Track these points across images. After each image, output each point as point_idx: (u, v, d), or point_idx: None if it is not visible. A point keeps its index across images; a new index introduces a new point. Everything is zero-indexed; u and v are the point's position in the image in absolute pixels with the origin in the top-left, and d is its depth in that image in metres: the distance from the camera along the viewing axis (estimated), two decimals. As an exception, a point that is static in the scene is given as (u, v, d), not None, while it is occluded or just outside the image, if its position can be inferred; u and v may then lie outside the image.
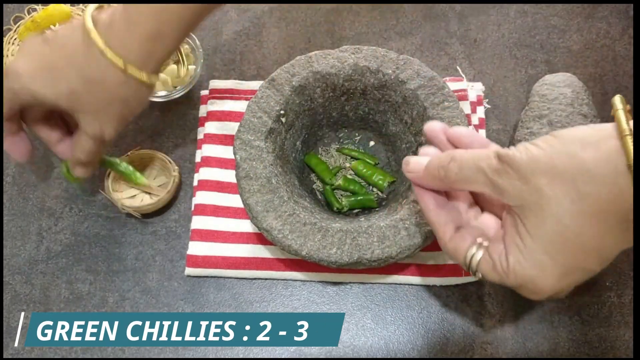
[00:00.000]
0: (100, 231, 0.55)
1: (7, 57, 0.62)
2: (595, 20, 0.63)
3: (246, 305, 0.52)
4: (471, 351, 0.50)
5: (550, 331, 0.50)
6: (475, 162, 0.30)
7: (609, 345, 0.50)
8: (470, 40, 0.63)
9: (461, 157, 0.32)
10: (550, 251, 0.29)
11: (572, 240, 0.28)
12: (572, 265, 0.29)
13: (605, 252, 0.29)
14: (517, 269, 0.30)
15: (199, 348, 0.50)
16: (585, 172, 0.27)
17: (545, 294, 0.30)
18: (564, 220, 0.28)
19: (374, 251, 0.43)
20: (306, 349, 0.50)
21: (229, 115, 0.57)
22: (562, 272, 0.29)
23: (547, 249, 0.29)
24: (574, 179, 0.27)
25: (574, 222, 0.27)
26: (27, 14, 0.64)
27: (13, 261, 0.54)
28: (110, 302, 0.52)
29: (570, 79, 0.55)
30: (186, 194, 0.56)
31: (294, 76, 0.50)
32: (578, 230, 0.28)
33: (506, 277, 0.31)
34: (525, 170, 0.28)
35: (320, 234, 0.44)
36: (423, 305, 0.51)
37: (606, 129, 0.27)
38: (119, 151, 0.58)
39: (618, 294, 0.51)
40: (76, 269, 0.53)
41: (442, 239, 0.34)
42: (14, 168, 0.58)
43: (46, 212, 0.56)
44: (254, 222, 0.45)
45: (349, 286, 0.52)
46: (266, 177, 0.46)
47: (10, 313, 0.52)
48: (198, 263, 0.52)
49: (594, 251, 0.29)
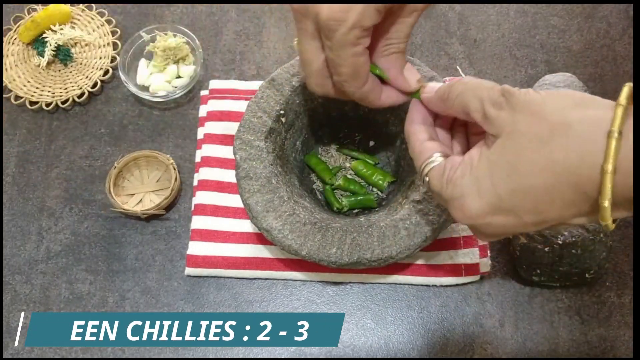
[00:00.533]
0: (100, 231, 0.55)
1: (6, 57, 0.62)
2: (595, 20, 0.63)
3: (246, 305, 0.52)
4: (471, 351, 0.50)
5: (550, 331, 0.50)
6: (477, 90, 0.31)
7: (609, 345, 0.50)
8: (470, 40, 0.63)
9: (467, 82, 0.32)
10: (494, 178, 0.29)
11: (520, 179, 0.28)
12: (508, 203, 0.28)
13: (546, 213, 0.28)
14: (457, 181, 0.31)
15: (199, 348, 0.50)
16: (565, 126, 0.26)
17: (469, 217, 0.30)
18: (522, 157, 0.27)
19: (374, 251, 0.43)
20: (306, 349, 0.50)
21: (228, 115, 0.57)
22: (495, 204, 0.29)
23: (493, 174, 0.29)
24: (553, 128, 0.27)
25: (531, 165, 0.27)
26: (27, 14, 0.64)
27: (13, 261, 0.54)
28: (110, 302, 0.52)
29: (570, 79, 0.55)
30: (186, 194, 0.56)
31: (294, 76, 0.50)
32: (530, 174, 0.27)
33: (445, 186, 0.31)
34: (516, 104, 0.29)
35: (320, 234, 0.44)
36: (423, 305, 0.51)
37: (605, 101, 0.27)
38: (118, 151, 0.58)
39: (618, 294, 0.51)
40: (76, 269, 0.53)
41: (414, 145, 0.36)
42: (14, 168, 0.58)
43: (46, 212, 0.56)
44: (254, 222, 0.45)
45: (349, 286, 0.52)
46: (266, 177, 0.46)
47: (10, 313, 0.52)
48: (198, 263, 0.52)
49: (535, 203, 0.28)
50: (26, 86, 0.61)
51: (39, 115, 0.60)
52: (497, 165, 0.29)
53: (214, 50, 0.63)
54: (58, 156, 0.58)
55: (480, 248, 0.51)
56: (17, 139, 0.59)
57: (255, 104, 0.49)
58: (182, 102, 0.60)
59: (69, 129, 0.60)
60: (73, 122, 0.60)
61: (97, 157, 0.58)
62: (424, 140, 0.35)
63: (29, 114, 0.60)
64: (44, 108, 0.60)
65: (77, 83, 0.61)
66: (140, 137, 0.59)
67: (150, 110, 0.60)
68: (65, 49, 0.62)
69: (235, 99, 0.58)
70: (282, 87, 0.49)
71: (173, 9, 0.65)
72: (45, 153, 0.58)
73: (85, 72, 0.61)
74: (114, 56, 0.62)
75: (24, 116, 0.60)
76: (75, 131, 0.59)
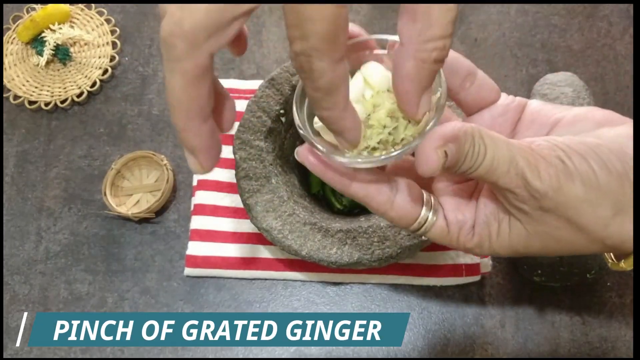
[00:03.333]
0: (99, 231, 0.55)
1: (5, 56, 0.62)
2: (596, 19, 0.63)
3: (246, 305, 0.51)
4: (472, 352, 0.49)
5: (551, 332, 0.50)
6: (511, 164, 0.25)
7: (610, 345, 0.49)
8: (470, 39, 0.63)
9: (494, 147, 0.25)
10: (516, 247, 0.27)
11: (544, 251, 0.27)
12: (523, 253, 0.28)
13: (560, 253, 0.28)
14: (472, 246, 0.28)
15: (199, 348, 0.50)
16: (603, 239, 0.26)
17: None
18: (549, 244, 0.27)
19: (374, 251, 0.43)
20: (306, 349, 0.49)
21: (228, 115, 0.57)
22: (510, 254, 0.28)
23: (513, 245, 0.27)
24: (591, 239, 0.26)
25: (557, 249, 0.27)
26: (26, 13, 0.64)
27: (12, 261, 0.54)
28: (110, 303, 0.52)
29: (571, 79, 0.54)
30: (185, 194, 0.56)
31: (293, 75, 0.49)
32: (555, 251, 0.27)
33: (455, 244, 0.28)
34: (548, 207, 0.25)
35: (320, 234, 0.44)
36: (423, 306, 0.51)
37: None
38: (118, 151, 0.58)
39: (619, 294, 0.51)
40: (75, 269, 0.53)
41: (382, 212, 0.28)
42: (13, 168, 0.58)
43: (45, 212, 0.56)
44: (254, 222, 0.45)
45: (349, 286, 0.52)
46: (266, 177, 0.46)
47: (10, 313, 0.52)
48: (197, 263, 0.52)
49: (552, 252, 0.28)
50: (25, 85, 0.61)
51: (38, 115, 0.60)
52: (520, 242, 0.27)
53: (214, 49, 0.62)
54: (57, 156, 0.58)
55: (480, 248, 0.51)
56: (16, 138, 0.59)
57: (255, 103, 0.49)
58: (181, 101, 0.60)
59: (68, 129, 0.59)
60: (72, 122, 0.60)
61: (96, 156, 0.58)
62: (394, 202, 0.27)
63: (28, 114, 0.60)
64: (43, 107, 0.60)
65: (76, 82, 0.60)
66: (139, 137, 0.58)
67: (149, 110, 0.60)
68: (64, 48, 0.61)
69: (235, 98, 0.58)
70: (282, 87, 0.49)
71: (172, 8, 0.65)
72: (44, 153, 0.58)
73: (84, 72, 0.61)
74: (113, 55, 0.62)
75: (23, 116, 0.60)
76: (74, 131, 0.59)
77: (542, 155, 0.24)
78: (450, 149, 0.23)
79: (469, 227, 0.28)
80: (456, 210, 0.28)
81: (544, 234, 0.26)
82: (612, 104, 0.58)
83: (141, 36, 0.63)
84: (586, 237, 0.25)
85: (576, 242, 0.26)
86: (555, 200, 0.24)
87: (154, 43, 0.63)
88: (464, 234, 0.28)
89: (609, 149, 0.25)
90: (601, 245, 0.26)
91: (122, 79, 0.61)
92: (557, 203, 0.24)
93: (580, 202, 0.24)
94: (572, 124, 0.28)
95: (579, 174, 0.24)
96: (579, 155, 0.24)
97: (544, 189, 0.24)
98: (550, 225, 0.25)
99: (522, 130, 0.30)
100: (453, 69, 0.29)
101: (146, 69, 0.62)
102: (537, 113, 0.29)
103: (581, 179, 0.24)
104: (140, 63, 0.62)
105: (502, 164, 0.24)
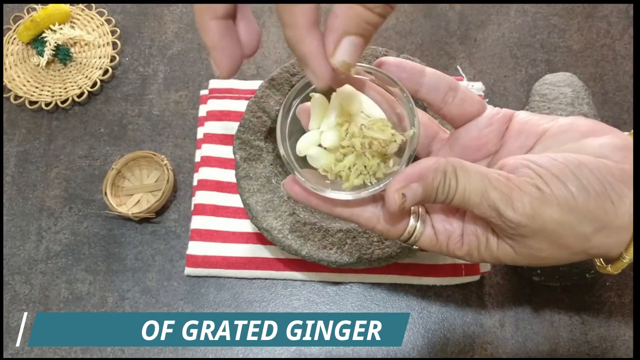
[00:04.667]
0: (100, 231, 0.55)
1: (6, 57, 0.62)
2: (596, 19, 0.63)
3: (246, 305, 0.51)
4: (471, 351, 0.50)
5: (551, 331, 0.50)
6: (484, 195, 0.26)
7: (609, 345, 0.50)
8: (470, 39, 0.63)
9: (465, 178, 0.26)
10: (504, 258, 0.29)
11: (536, 262, 0.28)
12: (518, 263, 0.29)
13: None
14: (460, 253, 0.29)
15: (199, 348, 0.50)
16: (586, 252, 0.27)
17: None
18: (537, 258, 0.28)
19: (374, 251, 0.43)
20: (306, 349, 0.50)
21: (228, 115, 0.57)
22: (504, 262, 0.29)
23: (502, 260, 0.29)
24: (574, 253, 0.27)
25: (546, 261, 0.28)
26: (26, 14, 0.64)
27: (12, 261, 0.54)
28: (110, 302, 0.52)
29: (570, 79, 0.55)
30: (186, 194, 0.56)
31: (293, 75, 0.49)
32: (546, 262, 0.28)
33: (445, 251, 0.30)
34: (529, 233, 0.26)
35: (320, 233, 0.44)
36: (423, 305, 0.51)
37: (621, 222, 0.26)
38: (118, 151, 0.58)
39: (618, 293, 0.51)
40: (76, 269, 0.53)
41: (372, 228, 0.30)
42: (14, 168, 0.58)
43: (45, 212, 0.56)
44: (254, 222, 0.45)
45: (349, 286, 0.52)
46: (266, 177, 0.46)
47: (10, 313, 0.52)
48: (198, 263, 0.52)
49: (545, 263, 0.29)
50: (25, 86, 0.61)
51: (39, 115, 0.60)
52: (507, 258, 0.28)
53: (214, 49, 0.62)
54: (57, 156, 0.58)
55: (480, 248, 0.51)
56: (17, 138, 0.59)
57: (255, 103, 0.49)
58: (181, 101, 0.60)
59: (69, 129, 0.59)
60: (72, 122, 0.60)
61: (96, 156, 0.58)
62: (380, 217, 0.29)
63: (29, 114, 0.60)
64: (44, 108, 0.60)
65: (77, 83, 0.61)
66: (139, 137, 0.59)
67: (149, 110, 0.60)
68: (65, 48, 0.62)
69: (235, 98, 0.58)
70: (282, 87, 0.49)
71: (173, 8, 0.65)
72: (44, 153, 0.58)
73: (85, 72, 0.61)
74: (114, 56, 0.62)
75: (24, 116, 0.60)
76: (75, 131, 0.59)
77: (517, 185, 0.26)
78: (413, 188, 0.26)
79: (457, 235, 0.29)
80: (444, 221, 0.29)
81: (529, 254, 0.27)
82: (611, 104, 0.58)
83: (141, 36, 0.64)
84: (569, 251, 0.27)
85: (561, 257, 0.27)
86: (531, 227, 0.26)
87: (154, 43, 0.63)
88: (452, 243, 0.29)
89: (590, 168, 0.26)
90: (586, 255, 0.27)
91: (122, 79, 0.62)
92: (533, 229, 0.26)
93: (559, 224, 0.25)
94: (557, 135, 0.29)
95: (556, 198, 0.25)
96: (557, 179, 0.25)
97: (517, 219, 0.25)
98: (533, 247, 0.27)
99: (510, 141, 0.30)
100: (434, 85, 0.30)
101: (146, 69, 0.62)
102: (525, 124, 0.30)
103: (558, 203, 0.25)
104: (140, 63, 0.62)
105: (474, 196, 0.26)
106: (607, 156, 0.26)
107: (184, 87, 0.61)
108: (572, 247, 0.26)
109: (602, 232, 0.26)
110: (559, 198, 0.25)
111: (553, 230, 0.26)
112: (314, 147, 0.29)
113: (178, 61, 0.62)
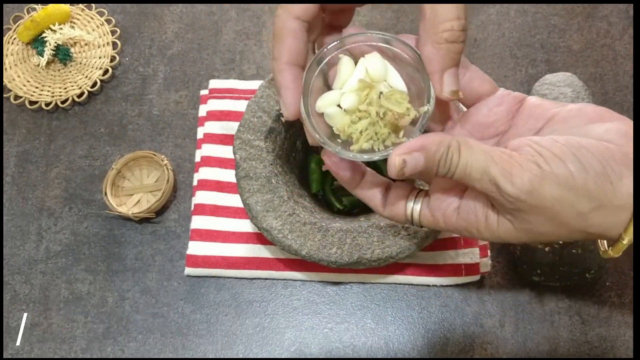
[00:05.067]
0: (100, 231, 0.55)
1: (6, 57, 0.62)
2: (596, 19, 0.63)
3: (246, 305, 0.51)
4: (471, 351, 0.50)
5: (551, 331, 0.50)
6: (486, 170, 0.27)
7: (609, 345, 0.50)
8: (470, 39, 0.63)
9: (469, 152, 0.28)
10: (505, 235, 0.29)
11: (535, 238, 0.29)
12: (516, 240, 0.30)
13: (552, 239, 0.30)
14: (457, 226, 0.31)
15: (199, 348, 0.50)
16: (585, 231, 0.28)
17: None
18: (538, 234, 0.28)
19: (374, 251, 0.43)
20: (306, 349, 0.50)
21: (228, 115, 0.57)
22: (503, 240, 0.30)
23: (502, 238, 0.30)
24: (573, 230, 0.28)
25: (545, 237, 0.29)
26: (26, 14, 0.64)
27: (12, 261, 0.54)
28: (110, 302, 0.52)
29: (570, 79, 0.55)
30: (186, 194, 0.56)
31: (293, 76, 0.49)
32: (545, 238, 0.29)
33: (445, 227, 0.31)
34: (529, 209, 0.27)
35: (320, 233, 0.44)
36: (423, 305, 0.51)
37: (618, 197, 0.26)
38: (118, 151, 0.58)
39: (618, 293, 0.51)
40: (76, 269, 0.53)
41: (378, 211, 0.34)
42: (14, 168, 0.58)
43: (46, 212, 0.56)
44: (254, 222, 0.45)
45: (349, 286, 0.52)
46: (266, 177, 0.46)
47: (10, 313, 0.52)
48: (198, 263, 0.52)
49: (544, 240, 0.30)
50: (25, 86, 0.61)
51: (39, 115, 0.60)
52: (508, 235, 0.29)
53: (214, 49, 0.63)
54: (57, 156, 0.58)
55: (480, 248, 0.51)
56: (17, 138, 0.59)
57: (255, 103, 0.49)
58: (181, 101, 0.60)
59: (69, 129, 0.59)
60: (72, 122, 0.60)
61: (96, 156, 0.58)
62: (387, 203, 0.33)
63: (29, 114, 0.60)
64: (44, 108, 0.60)
65: (77, 83, 0.61)
66: (140, 137, 0.59)
67: (149, 110, 0.60)
68: (65, 48, 0.62)
69: (235, 98, 0.58)
70: (282, 87, 0.49)
71: (173, 8, 0.65)
72: (44, 153, 0.58)
73: (85, 72, 0.61)
74: (114, 56, 0.62)
75: (24, 116, 0.60)
76: (75, 131, 0.59)
77: (518, 162, 0.26)
78: (415, 157, 0.27)
79: (452, 210, 0.31)
80: (439, 199, 0.31)
81: (528, 230, 0.28)
82: (611, 104, 0.58)
83: (141, 36, 0.64)
84: (568, 229, 0.27)
85: (560, 234, 0.28)
86: (530, 202, 0.26)
87: (154, 43, 0.63)
88: (447, 217, 0.31)
89: (591, 151, 0.26)
90: (585, 234, 0.28)
91: (122, 79, 0.62)
92: (532, 204, 0.26)
93: (557, 201, 0.26)
94: (565, 119, 0.29)
95: (555, 176, 0.26)
96: (558, 158, 0.26)
97: (516, 193, 0.26)
98: (533, 222, 0.27)
99: (520, 123, 0.31)
100: None
101: (146, 69, 0.62)
102: (536, 108, 0.31)
103: (557, 181, 0.26)
104: (140, 63, 0.62)
105: (475, 171, 0.27)
106: (611, 140, 0.27)
107: (184, 87, 0.61)
108: (571, 224, 0.27)
109: (600, 211, 0.26)
110: (558, 176, 0.26)
111: (551, 207, 0.26)
112: (333, 106, 0.30)
113: (178, 61, 0.62)
